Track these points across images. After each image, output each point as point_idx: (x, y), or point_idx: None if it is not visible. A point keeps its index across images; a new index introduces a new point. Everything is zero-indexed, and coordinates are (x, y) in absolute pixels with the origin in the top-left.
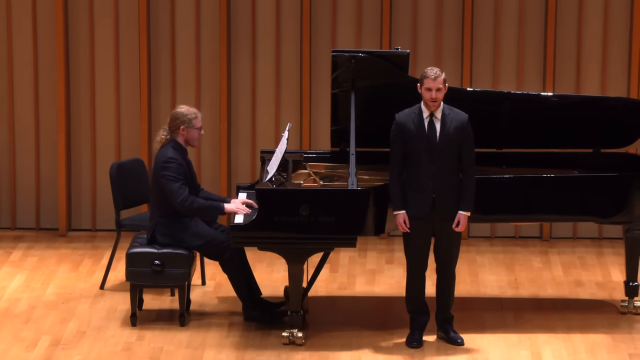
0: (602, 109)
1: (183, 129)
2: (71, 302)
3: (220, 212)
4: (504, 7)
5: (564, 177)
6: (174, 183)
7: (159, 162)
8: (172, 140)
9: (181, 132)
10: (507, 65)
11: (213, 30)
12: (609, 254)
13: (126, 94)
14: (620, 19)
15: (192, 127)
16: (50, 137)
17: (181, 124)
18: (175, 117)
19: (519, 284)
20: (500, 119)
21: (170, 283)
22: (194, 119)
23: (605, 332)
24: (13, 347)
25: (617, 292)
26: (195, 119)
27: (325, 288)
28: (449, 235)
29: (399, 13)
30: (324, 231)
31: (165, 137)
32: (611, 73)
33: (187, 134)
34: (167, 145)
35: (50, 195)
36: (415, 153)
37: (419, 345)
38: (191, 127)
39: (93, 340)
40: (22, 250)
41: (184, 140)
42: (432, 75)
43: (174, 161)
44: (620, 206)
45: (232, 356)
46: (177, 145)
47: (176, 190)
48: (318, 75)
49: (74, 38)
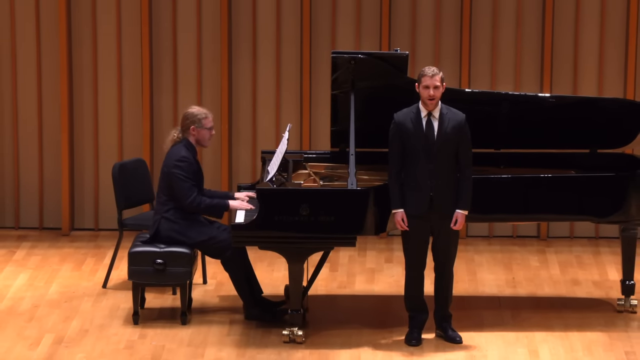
0: (598, 110)
1: (193, 128)
2: (74, 301)
3: (226, 209)
4: (502, 9)
5: (561, 177)
6: (184, 183)
7: (172, 159)
8: (184, 139)
9: (191, 132)
10: (505, 67)
11: (214, 32)
12: (606, 253)
13: (128, 95)
14: (616, 20)
15: (202, 127)
16: (54, 138)
17: (191, 124)
18: (186, 117)
19: (517, 282)
20: (498, 119)
21: (172, 282)
22: (203, 119)
23: (602, 330)
24: (17, 345)
25: (614, 291)
26: (205, 119)
27: (325, 287)
28: (447, 233)
29: (398, 15)
30: (324, 230)
31: (178, 136)
32: (608, 74)
33: (197, 134)
34: (180, 144)
35: (53, 195)
36: (414, 152)
37: (418, 343)
38: (201, 127)
39: (96, 338)
40: (25, 249)
41: (195, 140)
42: (429, 73)
43: (186, 160)
44: (617, 206)
45: (233, 354)
46: (189, 144)
47: (186, 190)
48: (318, 77)
49: (76, 40)
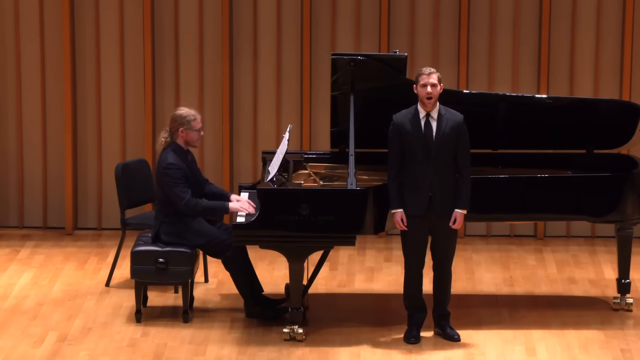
0: (594, 111)
1: (182, 130)
2: (77, 299)
3: (225, 211)
4: (500, 12)
5: (558, 177)
6: (174, 187)
7: (160, 167)
8: (173, 143)
9: (180, 133)
10: (502, 68)
11: (215, 35)
12: (602, 252)
13: (131, 96)
14: (612, 23)
15: (190, 129)
16: (57, 138)
17: (180, 126)
18: (174, 119)
19: (514, 281)
20: (495, 120)
21: (173, 280)
22: (192, 120)
23: (598, 328)
24: (21, 343)
25: (610, 289)
26: (194, 121)
27: (325, 285)
28: (445, 233)
29: (396, 17)
30: (323, 230)
31: (166, 140)
32: (603, 76)
33: (186, 136)
34: (168, 149)
35: (57, 195)
36: (412, 152)
37: (416, 341)
38: (190, 129)
39: (99, 336)
40: (29, 248)
41: (184, 142)
42: (426, 72)
43: (172, 167)
44: (613, 205)
45: (234, 352)
46: (177, 147)
47: (178, 194)
48: (318, 78)
49: (80, 41)
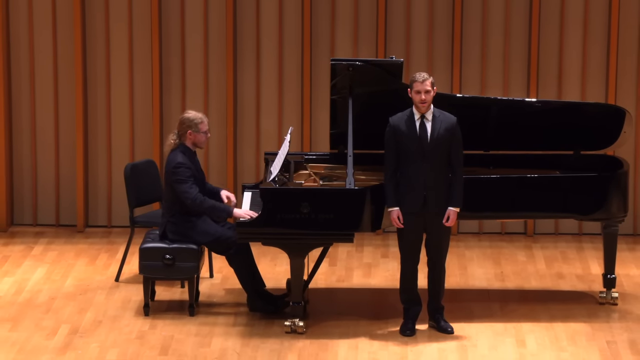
0: (582, 114)
1: (190, 133)
2: (88, 294)
3: (229, 214)
4: (491, 20)
5: (547, 177)
6: (183, 184)
7: (169, 167)
8: (181, 145)
9: (188, 136)
10: (494, 73)
11: (220, 42)
12: (589, 248)
13: (139, 99)
14: (599, 31)
15: (198, 132)
16: (69, 140)
17: (188, 129)
18: (182, 122)
19: (505, 276)
20: (487, 123)
21: (180, 276)
22: (200, 123)
23: (585, 321)
24: (35, 335)
25: (596, 284)
26: (201, 124)
27: (325, 280)
28: (439, 230)
29: (393, 24)
30: (323, 227)
31: (175, 141)
32: (590, 80)
33: (194, 138)
34: (177, 150)
35: (69, 194)
36: (408, 153)
37: (412, 333)
38: (197, 132)
39: (109, 329)
40: (43, 245)
41: (192, 144)
42: (420, 79)
43: (182, 165)
44: (599, 204)
45: (238, 344)
46: (186, 149)
47: (186, 190)
48: (318, 82)
49: (90, 46)
